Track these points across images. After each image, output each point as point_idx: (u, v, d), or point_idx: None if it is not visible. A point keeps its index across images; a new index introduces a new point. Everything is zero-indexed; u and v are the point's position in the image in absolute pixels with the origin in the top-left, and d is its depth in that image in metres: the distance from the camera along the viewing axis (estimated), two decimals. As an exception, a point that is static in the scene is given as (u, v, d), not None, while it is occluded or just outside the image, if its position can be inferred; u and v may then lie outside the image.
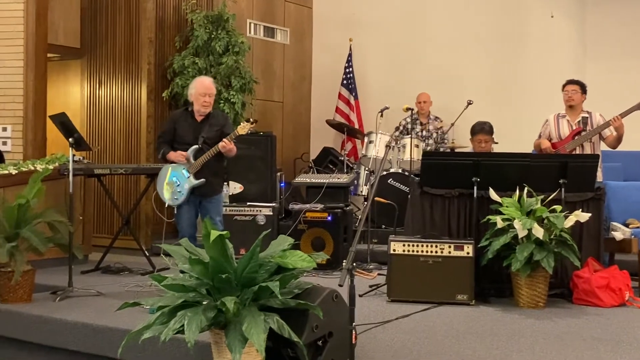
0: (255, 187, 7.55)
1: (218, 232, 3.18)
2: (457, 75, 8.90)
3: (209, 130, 5.48)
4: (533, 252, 4.80)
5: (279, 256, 3.37)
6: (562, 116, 6.23)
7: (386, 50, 9.41)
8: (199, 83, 5.51)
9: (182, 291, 3.33)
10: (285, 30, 9.53)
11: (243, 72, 8.00)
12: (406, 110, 7.39)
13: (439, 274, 5.05)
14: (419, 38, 9.21)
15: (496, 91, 8.78)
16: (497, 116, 7.71)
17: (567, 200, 5.26)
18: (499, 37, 8.82)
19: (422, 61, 9.12)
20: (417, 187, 5.56)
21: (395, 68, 9.30)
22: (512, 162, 5.38)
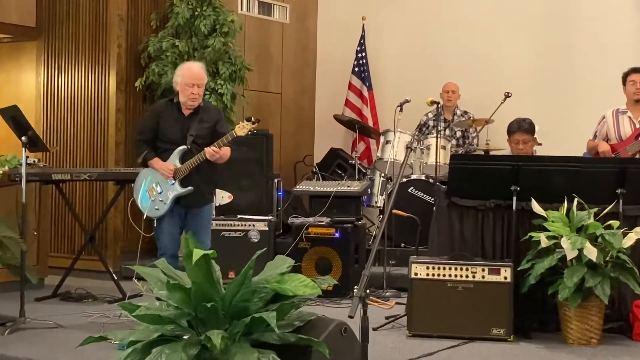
0: (247, 196, 7.56)
1: (202, 252, 3.19)
2: (493, 63, 8.90)
3: (199, 127, 5.45)
4: (585, 277, 4.80)
5: (276, 281, 3.38)
6: (623, 112, 6.25)
7: (407, 31, 9.42)
8: (186, 70, 5.49)
9: (158, 323, 3.33)
10: (285, 7, 9.56)
11: (233, 57, 8.02)
12: (431, 104, 7.35)
13: (470, 303, 5.05)
14: (446, 17, 9.21)
15: (540, 82, 8.77)
16: (541, 112, 7.75)
17: (626, 214, 5.26)
18: (543, 17, 8.81)
19: (450, 45, 9.12)
20: (443, 198, 5.57)
21: (418, 53, 9.31)
22: (559, 167, 5.39)
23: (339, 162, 8.95)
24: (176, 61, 7.65)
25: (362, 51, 9.46)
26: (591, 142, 6.41)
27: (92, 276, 7.17)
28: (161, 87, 7.75)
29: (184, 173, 5.40)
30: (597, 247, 4.86)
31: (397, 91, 8.52)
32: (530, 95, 8.51)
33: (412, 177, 7.75)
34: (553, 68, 8.76)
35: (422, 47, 9.31)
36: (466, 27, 9.10)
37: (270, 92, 9.44)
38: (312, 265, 6.64)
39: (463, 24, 9.12)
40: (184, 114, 5.48)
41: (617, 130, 6.19)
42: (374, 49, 9.55)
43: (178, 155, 5.42)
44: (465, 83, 8.63)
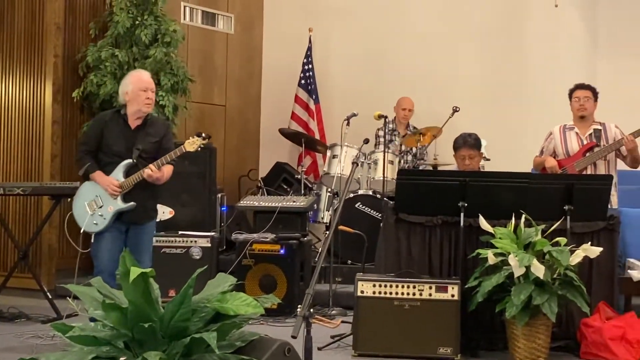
0: (189, 211, 7.51)
1: (140, 270, 3.16)
2: (442, 76, 9.03)
3: (145, 141, 5.38)
4: (532, 294, 4.86)
5: (218, 300, 3.35)
6: (570, 128, 6.36)
7: (354, 43, 9.49)
8: (136, 78, 5.42)
9: (93, 344, 3.28)
10: (230, 17, 9.56)
11: (175, 68, 7.98)
12: (378, 118, 7.45)
13: (417, 321, 5.09)
14: (395, 30, 9.31)
15: (489, 97, 8.92)
16: (490, 127, 7.87)
17: (573, 231, 5.36)
18: (492, 32, 8.97)
19: (399, 58, 9.23)
20: (391, 213, 5.61)
21: (366, 66, 9.39)
22: (506, 183, 5.47)
23: (284, 177, 8.95)
24: (115, 71, 7.59)
25: (309, 63, 9.50)
26: (538, 158, 6.51)
27: (25, 295, 7.05)
28: (99, 98, 7.66)
29: (127, 188, 5.32)
30: (545, 264, 4.94)
31: (345, 104, 8.59)
32: (480, 110, 8.64)
33: (359, 193, 7.78)
34: (503, 82, 8.91)
35: (370, 59, 9.38)
36: (415, 39, 9.21)
37: (214, 104, 9.41)
38: (256, 283, 6.63)
39: (412, 37, 9.22)
40: (130, 126, 5.41)
41: (565, 146, 6.30)
42: (321, 61, 9.60)
43: (122, 169, 5.34)
44: (413, 96, 8.72)
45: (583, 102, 6.26)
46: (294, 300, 6.40)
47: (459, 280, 5.18)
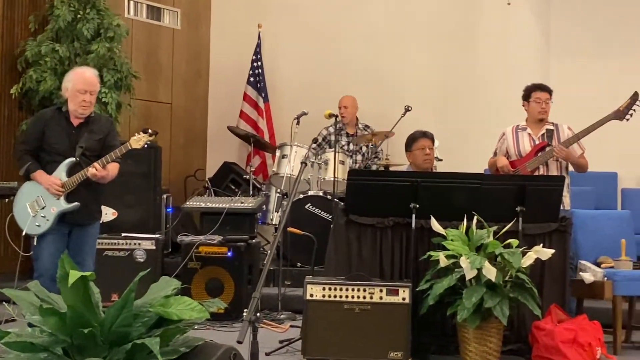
0: (133, 213, 7.45)
1: (79, 273, 3.12)
2: (394, 76, 9.08)
3: (89, 139, 5.32)
4: (484, 297, 4.89)
5: (161, 304, 3.33)
6: (523, 129, 6.42)
7: (305, 41, 9.49)
8: (78, 75, 5.36)
9: (29, 351, 3.24)
10: (176, 12, 9.49)
11: (119, 64, 7.90)
12: (329, 117, 7.46)
13: (368, 325, 5.08)
14: (346, 27, 9.34)
15: (440, 96, 9.00)
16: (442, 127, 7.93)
17: (525, 233, 5.41)
18: (444, 30, 9.05)
19: (351, 56, 9.25)
20: (341, 215, 5.60)
21: (317, 64, 9.39)
22: (459, 184, 5.51)
23: (232, 177, 8.93)
24: (56, 67, 7.50)
25: (258, 60, 9.48)
26: (492, 159, 6.57)
27: (-41, 300, 6.91)
28: (39, 95, 7.56)
29: (70, 188, 5.26)
30: (497, 266, 4.98)
31: (295, 103, 8.59)
32: (431, 110, 8.70)
33: (310, 194, 7.79)
34: (454, 82, 8.99)
35: (321, 57, 9.39)
36: (366, 37, 9.24)
37: (159, 101, 9.33)
38: (203, 287, 6.60)
39: (364, 35, 9.25)
40: (72, 123, 5.35)
41: (517, 147, 6.36)
42: (271, 58, 9.59)
43: (65, 168, 5.27)
44: (365, 95, 8.76)
45: (545, 105, 6.32)
46: (242, 304, 6.35)
47: (410, 283, 5.19)
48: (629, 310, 6.05)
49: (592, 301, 5.94)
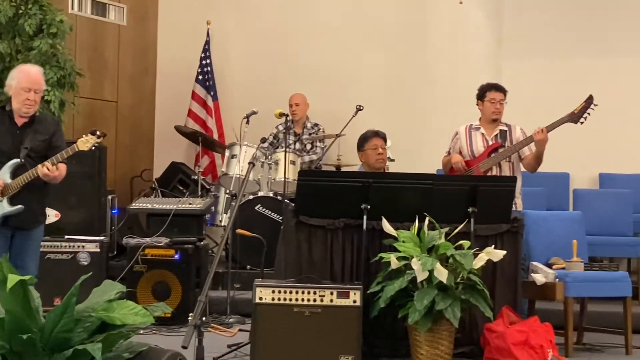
0: (76, 214, 7.38)
1: (18, 277, 3.07)
2: (346, 74, 9.10)
3: (34, 139, 5.28)
4: (435, 299, 4.92)
5: (103, 309, 3.29)
6: (476, 128, 6.48)
7: (255, 38, 9.47)
8: (23, 73, 5.30)
9: (-34, 358, 3.18)
10: (122, 8, 9.41)
11: (62, 61, 7.80)
12: (279, 116, 7.46)
13: (318, 328, 5.07)
14: (297, 25, 9.34)
15: (392, 96, 9.04)
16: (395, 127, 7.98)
17: (477, 234, 5.46)
18: (396, 28, 9.10)
19: (302, 55, 9.26)
20: (291, 216, 5.60)
21: (267, 62, 9.39)
22: (410, 185, 5.54)
23: (180, 178, 8.88)
24: (-5, 64, 7.38)
25: (207, 58, 9.44)
26: (445, 158, 6.62)
27: None
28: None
29: (14, 190, 5.20)
30: (448, 268, 5.01)
31: (245, 102, 8.57)
32: (383, 109, 8.74)
33: (260, 194, 7.77)
34: (406, 81, 9.04)
35: (272, 55, 9.38)
36: (318, 36, 9.26)
37: (104, 99, 9.24)
38: (149, 290, 6.56)
39: (315, 33, 9.27)
40: (17, 123, 5.29)
41: (470, 147, 6.41)
42: (220, 56, 9.55)
43: (9, 169, 5.21)
44: (316, 94, 8.77)
45: (499, 106, 6.38)
46: (189, 308, 6.30)
47: (361, 285, 5.19)
48: (580, 311, 6.14)
49: (543, 303, 6.02)
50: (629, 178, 8.62)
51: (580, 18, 9.02)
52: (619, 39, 8.95)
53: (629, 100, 8.84)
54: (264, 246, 6.61)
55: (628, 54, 8.91)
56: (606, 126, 8.47)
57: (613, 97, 8.51)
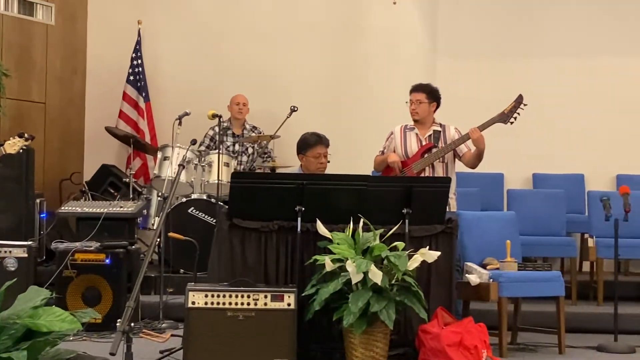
0: (4, 219, 7.29)
1: (-62, 284, 3.01)
2: (280, 75, 9.11)
3: None
4: (370, 301, 4.95)
5: (29, 316, 3.25)
6: (410, 129, 6.55)
7: (188, 38, 9.41)
8: None
9: None
10: (50, 7, 9.26)
11: (-12, 61, 7.68)
12: (212, 118, 7.44)
13: (252, 332, 5.07)
14: (231, 25, 9.31)
15: (328, 96, 9.07)
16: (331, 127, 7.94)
17: (412, 235, 5.52)
18: (331, 28, 9.13)
19: (235, 55, 9.23)
20: (224, 219, 5.58)
21: (200, 62, 9.33)
22: (344, 186, 5.57)
23: (111, 180, 8.79)
24: None
25: (138, 58, 9.35)
26: (379, 157, 6.66)
27: None
28: None
29: None
30: (383, 269, 5.05)
31: (177, 103, 8.54)
32: (319, 110, 8.78)
33: (193, 197, 7.73)
34: (342, 81, 9.08)
35: (204, 55, 9.34)
36: (253, 35, 9.24)
37: (32, 101, 9.09)
38: (79, 296, 6.48)
39: (249, 33, 9.25)
40: None
41: (404, 147, 6.48)
42: (151, 56, 9.47)
43: None
44: (252, 95, 8.75)
45: (415, 107, 6.46)
46: (121, 314, 6.21)
47: (296, 288, 5.20)
48: (514, 311, 6.24)
49: (478, 303, 6.09)
50: (562, 178, 8.81)
51: (514, 19, 9.19)
52: (551, 39, 9.15)
53: (562, 101, 9.03)
54: (196, 249, 6.58)
55: (561, 54, 9.11)
56: (540, 127, 8.67)
57: (546, 98, 8.72)
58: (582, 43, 9.12)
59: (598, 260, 7.33)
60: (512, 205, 7.81)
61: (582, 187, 8.79)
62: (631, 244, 7.16)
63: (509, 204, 7.99)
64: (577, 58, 9.11)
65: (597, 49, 9.08)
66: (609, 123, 8.99)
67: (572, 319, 6.42)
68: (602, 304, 7.18)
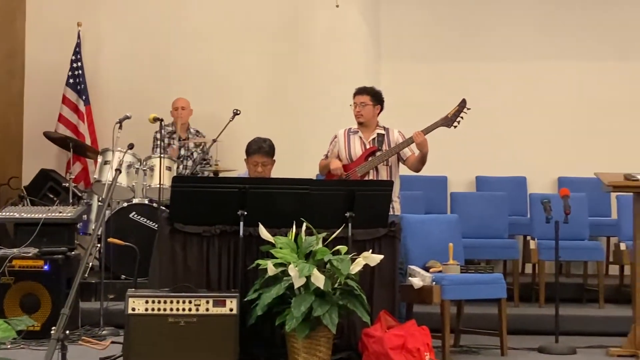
0: (-62, 225, 7.12)
1: None
2: (224, 78, 9.08)
3: None
4: (312, 306, 4.96)
5: (-39, 324, 3.20)
6: (354, 132, 6.57)
7: (129, 41, 9.33)
8: None
9: None
10: (-14, 7, 9.14)
11: None
12: (153, 121, 7.37)
13: (194, 338, 5.05)
14: (174, 27, 9.25)
15: (273, 99, 9.08)
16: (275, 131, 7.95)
17: (355, 239, 5.55)
18: (276, 31, 9.13)
19: (178, 57, 9.18)
20: (165, 224, 5.56)
21: (142, 65, 9.26)
22: (287, 190, 5.57)
23: (50, 185, 8.68)
24: None
25: (78, 61, 9.25)
26: (323, 161, 6.68)
27: None
28: None
29: None
30: (326, 273, 5.06)
31: (119, 106, 8.44)
32: (264, 113, 8.77)
33: (134, 202, 7.68)
34: (287, 84, 9.08)
35: (147, 58, 9.27)
36: (195, 38, 9.20)
37: (-32, 104, 8.96)
38: (17, 303, 6.37)
39: (191, 35, 9.21)
40: None
41: (348, 151, 6.50)
42: (92, 58, 9.37)
43: None
44: (194, 99, 8.71)
45: (360, 109, 6.49)
46: (60, 321, 6.19)
47: (238, 293, 5.19)
48: (457, 314, 6.30)
49: (421, 306, 6.13)
50: (504, 181, 8.92)
51: (456, 23, 9.31)
52: (494, 43, 9.28)
53: (505, 104, 9.16)
54: (137, 255, 6.53)
55: (503, 58, 9.25)
56: (483, 130, 8.77)
57: (489, 101, 8.84)
58: (523, 47, 9.28)
59: (540, 262, 7.46)
60: (456, 208, 7.88)
61: (525, 190, 8.92)
62: (572, 245, 7.29)
63: (452, 206, 8.06)
64: (519, 62, 9.26)
65: (538, 53, 9.25)
66: (550, 126, 9.15)
67: (515, 321, 6.51)
68: (544, 306, 7.29)
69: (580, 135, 9.10)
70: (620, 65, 9.25)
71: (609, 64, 9.25)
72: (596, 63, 9.24)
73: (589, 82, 9.25)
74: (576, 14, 9.31)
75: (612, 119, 9.13)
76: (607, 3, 9.34)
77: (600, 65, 9.24)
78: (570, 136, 9.10)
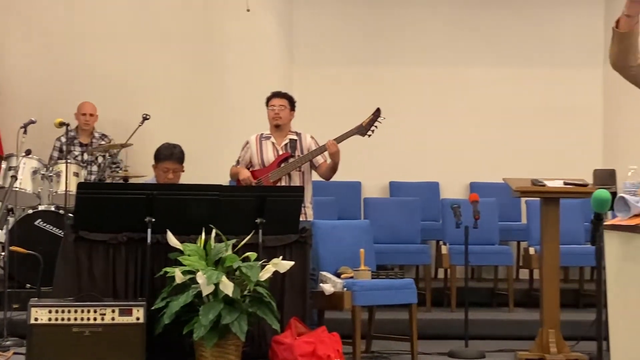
0: None
1: None
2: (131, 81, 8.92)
3: None
4: (221, 313, 4.95)
5: None
6: (267, 137, 6.56)
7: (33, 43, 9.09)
8: None
9: None
10: None
11: None
12: (59, 126, 7.25)
13: (99, 348, 5.00)
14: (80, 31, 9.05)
15: (183, 103, 8.97)
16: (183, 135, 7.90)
17: (265, 245, 5.55)
18: (186, 34, 9.03)
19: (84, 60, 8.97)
20: (70, 231, 5.47)
21: (47, 69, 9.01)
22: (196, 196, 5.54)
23: (-51, 192, 8.42)
24: None
25: (-15, 65, 9.01)
26: (234, 169, 6.65)
27: None
28: None
29: None
30: (235, 281, 5.05)
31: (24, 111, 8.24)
32: (175, 117, 8.67)
33: (40, 208, 7.50)
34: (198, 88, 8.98)
35: (52, 62, 9.03)
36: (103, 41, 9.00)
37: None
38: None
39: (99, 38, 9.00)
40: None
41: (261, 156, 6.48)
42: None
43: None
44: (102, 102, 8.55)
45: (278, 111, 6.49)
46: (-40, 333, 6.02)
47: (145, 302, 5.14)
48: (369, 320, 6.34)
49: (333, 312, 6.14)
50: (417, 186, 9.03)
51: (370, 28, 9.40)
52: (407, 49, 9.39)
53: (418, 110, 9.27)
54: (40, 263, 6.38)
55: (416, 64, 9.37)
56: (397, 135, 8.85)
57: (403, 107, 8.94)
58: (435, 53, 9.42)
59: (451, 267, 7.55)
60: (369, 214, 7.92)
61: (438, 195, 9.04)
62: (482, 250, 7.43)
63: (365, 212, 8.11)
64: (431, 68, 9.39)
65: (449, 60, 9.40)
66: (462, 132, 9.29)
67: (426, 326, 6.59)
68: (455, 310, 7.39)
69: (491, 141, 9.26)
70: (528, 72, 9.45)
71: (518, 70, 9.45)
72: (505, 70, 9.43)
73: (498, 88, 9.42)
74: (486, 21, 9.48)
75: (521, 124, 9.31)
76: (517, 11, 9.53)
77: (509, 72, 9.43)
78: (481, 142, 9.25)
